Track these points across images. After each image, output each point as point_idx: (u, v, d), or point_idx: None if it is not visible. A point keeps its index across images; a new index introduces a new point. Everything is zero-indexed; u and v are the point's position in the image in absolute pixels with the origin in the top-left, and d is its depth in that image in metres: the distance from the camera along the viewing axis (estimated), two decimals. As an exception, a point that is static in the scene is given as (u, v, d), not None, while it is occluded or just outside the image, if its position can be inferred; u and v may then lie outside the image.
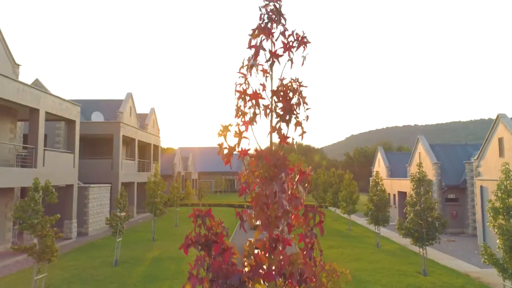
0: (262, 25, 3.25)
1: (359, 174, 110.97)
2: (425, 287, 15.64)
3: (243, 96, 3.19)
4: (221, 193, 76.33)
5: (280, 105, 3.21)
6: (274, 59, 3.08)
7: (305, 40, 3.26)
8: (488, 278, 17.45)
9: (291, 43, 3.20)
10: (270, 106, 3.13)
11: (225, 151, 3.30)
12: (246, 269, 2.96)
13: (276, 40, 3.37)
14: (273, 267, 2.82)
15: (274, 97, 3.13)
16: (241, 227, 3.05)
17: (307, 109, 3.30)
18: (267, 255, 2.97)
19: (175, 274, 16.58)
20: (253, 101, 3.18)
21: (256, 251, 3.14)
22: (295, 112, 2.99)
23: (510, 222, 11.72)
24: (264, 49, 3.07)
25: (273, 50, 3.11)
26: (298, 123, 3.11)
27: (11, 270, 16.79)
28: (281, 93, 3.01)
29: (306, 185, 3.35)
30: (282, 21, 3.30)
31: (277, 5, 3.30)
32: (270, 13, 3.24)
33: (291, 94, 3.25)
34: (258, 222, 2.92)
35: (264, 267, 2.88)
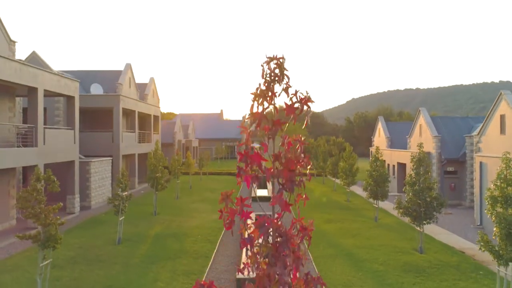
0: (265, 86, 3.17)
1: (359, 138, 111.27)
2: (421, 266, 16.02)
3: (244, 158, 3.15)
4: (222, 160, 76.82)
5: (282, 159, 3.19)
6: (277, 128, 3.02)
7: (309, 99, 3.19)
8: (483, 255, 17.80)
9: (294, 105, 3.13)
10: (272, 171, 3.10)
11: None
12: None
13: (279, 95, 3.30)
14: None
15: (276, 162, 3.09)
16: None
17: (309, 168, 3.27)
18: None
19: (177, 253, 16.95)
20: (255, 163, 3.15)
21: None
22: (298, 181, 2.96)
23: (508, 211, 11.86)
24: (267, 119, 3.01)
25: (275, 118, 3.05)
26: (302, 188, 3.09)
27: (17, 248, 17.15)
28: (283, 160, 2.97)
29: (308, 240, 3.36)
30: (285, 78, 3.22)
31: (280, 62, 3.21)
32: (273, 72, 3.15)
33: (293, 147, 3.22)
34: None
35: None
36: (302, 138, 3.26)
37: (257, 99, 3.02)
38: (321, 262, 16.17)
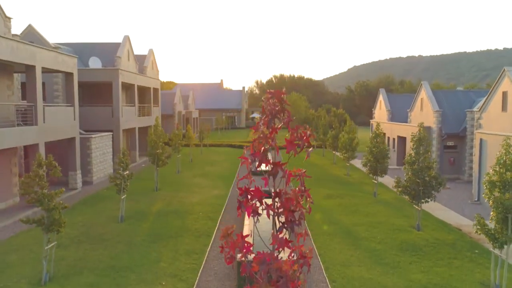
0: (265, 121, 3.16)
1: (360, 107, 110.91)
2: (417, 244, 16.33)
3: (245, 193, 3.18)
4: (222, 131, 76.82)
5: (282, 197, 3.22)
6: (278, 169, 3.04)
7: (310, 136, 3.18)
8: (479, 233, 18.11)
9: (295, 141, 3.12)
10: (273, 207, 3.13)
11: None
12: None
13: (279, 128, 3.29)
14: None
15: (277, 198, 3.12)
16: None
17: (309, 201, 3.31)
18: None
19: (179, 231, 17.24)
20: (256, 198, 3.18)
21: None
22: (297, 222, 3.01)
23: (505, 196, 11.99)
24: (269, 161, 3.02)
25: (276, 160, 3.06)
26: (301, 226, 3.13)
27: (22, 227, 17.39)
28: (283, 200, 3.00)
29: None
30: (286, 113, 3.20)
31: (281, 97, 3.18)
32: (273, 109, 3.12)
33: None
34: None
35: None
36: (304, 171, 3.27)
37: (257, 138, 3.03)
38: (320, 240, 16.49)
